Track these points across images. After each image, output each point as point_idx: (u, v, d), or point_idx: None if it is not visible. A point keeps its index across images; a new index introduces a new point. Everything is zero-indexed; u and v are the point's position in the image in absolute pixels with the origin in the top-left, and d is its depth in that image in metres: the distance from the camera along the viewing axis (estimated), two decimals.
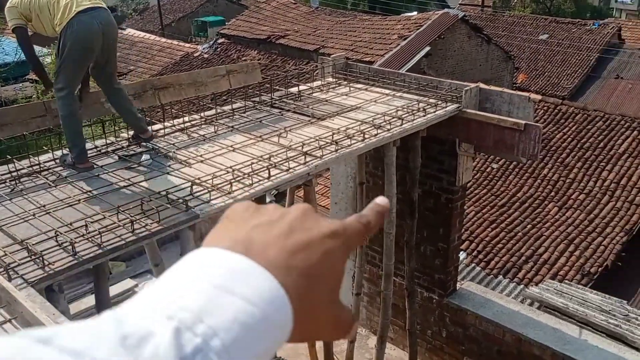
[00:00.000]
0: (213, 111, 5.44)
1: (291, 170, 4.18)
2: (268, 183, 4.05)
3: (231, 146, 4.67)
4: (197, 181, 4.03)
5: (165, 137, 4.98)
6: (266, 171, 4.10)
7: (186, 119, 5.25)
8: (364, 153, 5.43)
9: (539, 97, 14.30)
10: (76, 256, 3.33)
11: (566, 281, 8.83)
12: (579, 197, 11.34)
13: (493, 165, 12.54)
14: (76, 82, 4.35)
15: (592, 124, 13.07)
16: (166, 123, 5.18)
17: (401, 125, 5.02)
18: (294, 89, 6.06)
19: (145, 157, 4.57)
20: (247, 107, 5.60)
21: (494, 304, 6.49)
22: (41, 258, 3.25)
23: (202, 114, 5.38)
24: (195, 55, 20.68)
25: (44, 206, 3.85)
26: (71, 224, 3.61)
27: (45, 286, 3.22)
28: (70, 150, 4.39)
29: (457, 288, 6.75)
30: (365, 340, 7.46)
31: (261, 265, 0.53)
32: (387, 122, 5.02)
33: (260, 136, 4.86)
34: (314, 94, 6.02)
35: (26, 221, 3.68)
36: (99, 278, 4.27)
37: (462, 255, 8.58)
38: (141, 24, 32.35)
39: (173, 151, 4.63)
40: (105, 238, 3.45)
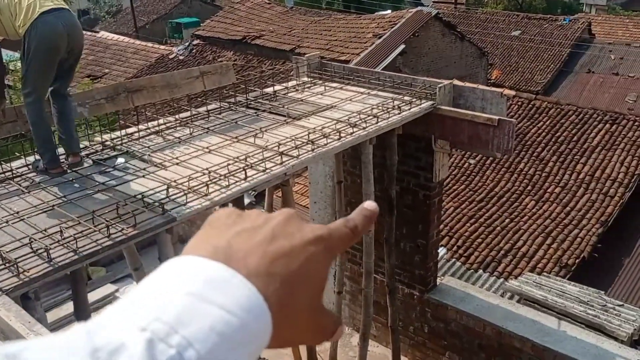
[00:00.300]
0: (188, 113, 5.41)
1: (268, 170, 4.17)
2: (245, 184, 4.03)
3: (207, 148, 4.64)
4: (173, 184, 4.00)
5: (140, 140, 4.93)
6: (243, 172, 4.08)
7: (161, 122, 5.20)
8: (341, 152, 5.43)
9: (513, 93, 14.47)
10: (51, 263, 3.29)
11: (544, 273, 8.92)
12: (555, 191, 11.46)
13: (470, 160, 12.63)
14: (45, 86, 4.26)
15: (566, 118, 13.23)
16: (140, 126, 5.14)
17: (377, 123, 5.03)
18: (269, 89, 6.04)
19: (119, 161, 4.53)
20: (223, 109, 5.57)
21: (474, 298, 6.53)
22: (15, 265, 3.20)
23: (177, 116, 5.34)
24: (170, 57, 20.57)
25: (18, 213, 3.79)
26: (46, 230, 3.56)
27: (20, 294, 3.18)
28: (41, 156, 4.32)
29: (438, 283, 6.78)
30: (348, 338, 7.46)
31: (241, 273, 0.52)
32: (363, 121, 5.02)
33: (236, 137, 4.84)
34: (290, 94, 6.00)
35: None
36: (77, 284, 4.22)
37: (442, 250, 8.62)
38: (115, 27, 32.12)
39: (148, 154, 4.60)
40: (81, 243, 3.41)
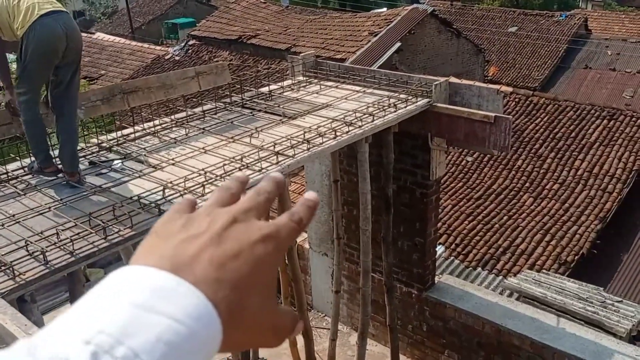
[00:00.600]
0: (184, 113, 5.40)
1: (263, 170, 4.15)
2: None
3: (203, 148, 4.64)
4: (169, 185, 3.99)
5: (135, 141, 4.92)
6: (238, 172, 4.06)
7: (157, 122, 5.19)
8: (337, 150, 5.42)
9: (510, 89, 14.45)
10: (48, 265, 3.28)
11: (544, 271, 8.92)
12: (554, 187, 11.46)
13: (468, 158, 12.62)
14: (39, 87, 4.25)
15: (564, 114, 13.22)
16: (136, 127, 5.12)
17: (372, 121, 5.02)
18: (265, 89, 6.03)
19: (116, 162, 4.52)
20: (218, 109, 5.56)
21: (473, 296, 6.53)
22: (11, 268, 3.19)
23: (173, 117, 5.33)
24: (166, 57, 20.53)
25: (14, 215, 3.79)
26: (42, 233, 3.55)
27: (16, 297, 3.17)
28: (35, 156, 4.31)
29: (436, 282, 6.77)
30: (347, 337, 7.46)
31: (189, 281, 0.51)
32: (358, 119, 5.01)
33: (231, 137, 4.83)
34: (285, 93, 5.99)
35: None
36: (75, 286, 4.22)
37: (440, 248, 8.62)
38: (110, 28, 32.04)
39: (144, 155, 4.59)
40: (77, 245, 3.40)
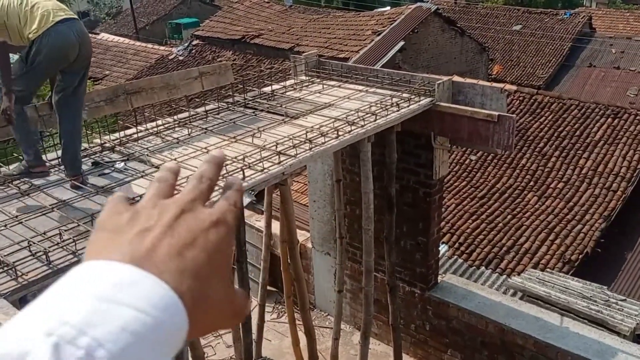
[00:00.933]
0: (186, 114, 5.40)
1: (266, 170, 4.16)
2: (243, 184, 4.02)
3: (205, 148, 4.64)
4: None
5: (138, 142, 4.93)
6: (240, 172, 4.07)
7: (159, 122, 5.20)
8: (340, 150, 5.42)
9: (515, 88, 14.41)
10: (50, 265, 3.29)
11: (548, 269, 8.90)
12: (558, 186, 11.44)
13: (471, 157, 12.61)
14: (36, 89, 4.31)
15: (568, 113, 13.19)
16: (139, 127, 5.13)
17: (375, 121, 5.01)
18: (267, 89, 6.03)
19: (118, 163, 4.53)
20: (221, 109, 5.56)
21: (476, 296, 6.51)
22: (14, 269, 3.20)
23: (176, 117, 5.33)
24: (170, 57, 20.58)
25: (16, 216, 3.80)
26: (45, 233, 3.56)
27: (19, 297, 3.17)
28: (25, 152, 4.23)
29: (439, 281, 6.76)
30: (349, 336, 7.46)
31: (152, 273, 0.52)
32: (361, 119, 5.00)
33: (234, 137, 4.83)
34: (287, 93, 5.99)
35: None
36: None
37: (444, 247, 8.60)
38: (115, 28, 32.12)
39: (146, 155, 4.59)
40: (80, 246, 3.41)
